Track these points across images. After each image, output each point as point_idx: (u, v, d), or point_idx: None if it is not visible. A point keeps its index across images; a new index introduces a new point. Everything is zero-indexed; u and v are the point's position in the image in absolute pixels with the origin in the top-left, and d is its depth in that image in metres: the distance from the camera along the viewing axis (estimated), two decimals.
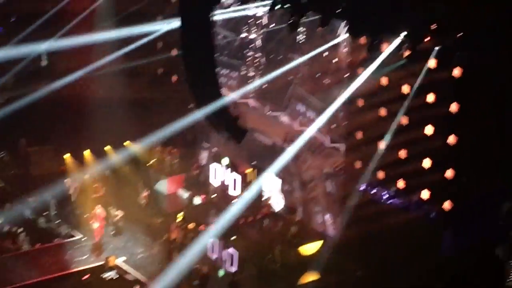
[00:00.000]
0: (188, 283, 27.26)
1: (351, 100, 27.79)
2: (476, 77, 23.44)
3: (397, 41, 22.82)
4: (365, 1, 21.56)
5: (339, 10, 22.44)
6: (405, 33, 22.12)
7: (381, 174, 27.21)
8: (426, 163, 25.51)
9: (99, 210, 29.85)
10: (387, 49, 23.99)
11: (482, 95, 23.21)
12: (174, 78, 33.00)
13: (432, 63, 24.21)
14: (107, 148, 33.58)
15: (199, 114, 27.57)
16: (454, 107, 24.28)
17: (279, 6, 23.67)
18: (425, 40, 22.30)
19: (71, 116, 33.25)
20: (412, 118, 25.72)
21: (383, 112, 26.71)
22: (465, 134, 24.24)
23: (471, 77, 23.61)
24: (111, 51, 32.65)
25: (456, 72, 23.87)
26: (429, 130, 25.14)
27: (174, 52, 31.93)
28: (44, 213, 31.54)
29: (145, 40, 31.13)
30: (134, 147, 33.45)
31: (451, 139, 24.49)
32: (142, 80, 34.08)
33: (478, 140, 23.70)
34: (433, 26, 21.78)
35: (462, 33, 22.32)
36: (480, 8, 21.30)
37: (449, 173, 24.80)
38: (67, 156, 33.33)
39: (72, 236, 30.41)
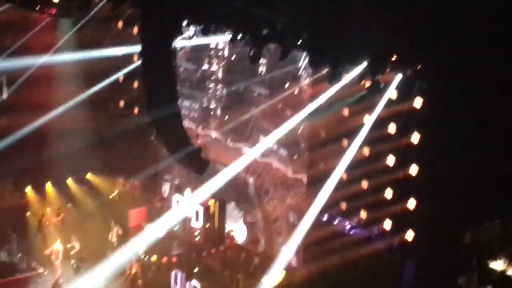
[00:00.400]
0: None
1: (313, 132, 27.91)
2: (437, 108, 23.59)
3: (358, 72, 23.00)
4: (325, 32, 21.66)
5: (299, 42, 22.57)
6: (365, 64, 22.29)
7: (343, 205, 27.26)
8: (388, 193, 25.59)
9: (57, 246, 29.48)
10: (348, 80, 24.09)
11: (442, 125, 23.36)
12: (136, 110, 32.87)
13: (392, 94, 24.32)
14: (69, 181, 33.39)
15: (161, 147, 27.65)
16: (415, 138, 24.40)
17: (240, 37, 23.76)
18: (386, 71, 22.49)
19: (32, 149, 32.96)
20: (374, 149, 25.82)
21: (345, 143, 26.79)
22: (426, 164, 24.36)
23: (431, 107, 23.74)
24: (73, 83, 32.73)
25: (417, 102, 24.00)
26: (390, 160, 25.24)
27: (136, 84, 31.85)
28: (6, 247, 31.30)
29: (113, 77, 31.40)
30: (96, 180, 33.31)
31: (412, 170, 24.60)
32: (104, 112, 33.89)
33: (439, 170, 23.84)
34: (394, 58, 21.97)
35: (421, 65, 22.50)
36: (440, 40, 21.50)
37: (411, 204, 24.90)
38: (28, 190, 33.15)
39: (35, 270, 30.18)
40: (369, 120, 25.52)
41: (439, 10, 21.27)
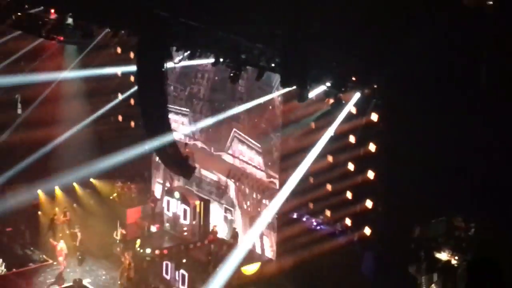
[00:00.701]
0: None
1: (284, 142, 27.95)
2: (390, 121, 23.68)
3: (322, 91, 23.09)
4: (295, 57, 21.70)
5: (272, 65, 22.64)
6: (329, 84, 22.36)
7: (311, 205, 27.34)
8: (349, 195, 25.69)
9: (61, 245, 29.50)
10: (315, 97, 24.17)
11: (395, 137, 23.44)
12: (132, 123, 32.82)
13: (352, 109, 24.38)
14: (75, 184, 33.30)
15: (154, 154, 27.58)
16: (371, 147, 24.50)
17: (221, 61, 23.87)
18: (346, 90, 22.58)
19: (43, 158, 32.86)
20: (336, 157, 25.90)
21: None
22: (381, 170, 24.45)
23: (385, 121, 23.84)
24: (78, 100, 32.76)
25: (373, 117, 24.10)
26: (350, 167, 25.35)
27: (132, 101, 31.82)
28: (20, 241, 31.27)
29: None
30: (98, 183, 33.24)
31: (370, 175, 24.69)
32: (104, 125, 33.84)
33: (392, 175, 23.92)
34: (353, 78, 22.10)
35: (376, 85, 22.60)
36: (392, 64, 21.61)
37: (368, 204, 24.99)
38: (39, 192, 33.05)
39: (45, 261, 30.15)
40: (331, 132, 25.60)
41: (390, 39, 21.41)
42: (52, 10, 27.59)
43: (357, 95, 23.56)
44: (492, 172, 21.38)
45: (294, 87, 23.69)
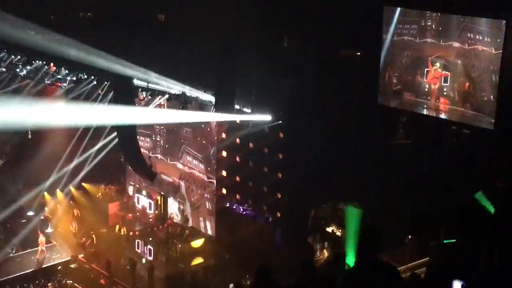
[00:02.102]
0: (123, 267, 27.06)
1: (219, 153, 27.80)
2: (291, 138, 23.77)
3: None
4: (224, 93, 21.66)
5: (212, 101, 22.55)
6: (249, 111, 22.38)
7: (238, 196, 27.20)
8: (265, 189, 25.67)
9: (41, 238, 28.61)
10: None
11: (296, 149, 23.51)
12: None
13: (266, 129, 24.45)
14: (71, 187, 32.63)
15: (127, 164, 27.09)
16: (280, 156, 24.52)
17: (174, 97, 23.66)
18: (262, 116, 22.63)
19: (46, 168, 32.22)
20: (255, 163, 25.89)
21: (238, 159, 26.79)
22: (285, 172, 24.50)
23: (289, 138, 23.92)
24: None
25: (281, 135, 24.16)
26: (265, 169, 25.32)
27: None
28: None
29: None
30: (87, 186, 32.60)
31: (279, 175, 24.72)
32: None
33: (293, 175, 24.00)
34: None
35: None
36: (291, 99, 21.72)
37: (279, 195, 25.00)
38: (46, 194, 32.36)
39: (50, 243, 29.50)
40: (252, 145, 25.60)
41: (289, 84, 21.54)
42: (52, 64, 27.22)
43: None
44: (361, 168, 21.58)
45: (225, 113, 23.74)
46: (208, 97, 24.69)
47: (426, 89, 18.83)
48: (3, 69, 29.33)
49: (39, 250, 28.41)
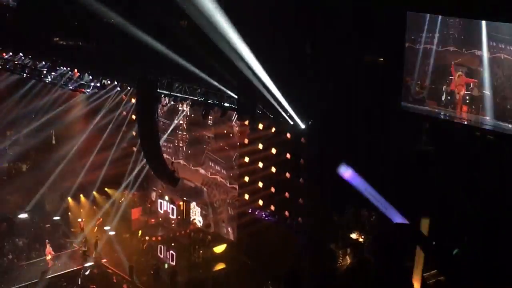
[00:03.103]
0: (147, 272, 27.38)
1: (240, 159, 27.88)
2: (314, 144, 23.71)
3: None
4: (247, 100, 21.73)
5: (232, 106, 22.63)
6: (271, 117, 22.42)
7: (260, 202, 27.21)
8: (286, 195, 25.66)
9: (48, 248, 28.57)
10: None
11: (318, 155, 23.45)
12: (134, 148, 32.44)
13: (288, 135, 24.45)
14: (95, 193, 32.91)
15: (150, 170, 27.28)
16: (302, 161, 24.55)
17: (196, 103, 23.75)
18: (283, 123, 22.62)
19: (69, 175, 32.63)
20: (278, 168, 25.86)
21: (260, 165, 26.83)
22: (308, 178, 24.47)
23: (311, 144, 23.86)
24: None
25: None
26: (287, 175, 25.29)
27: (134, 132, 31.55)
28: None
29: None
30: (110, 191, 32.87)
31: (300, 181, 24.72)
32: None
33: (316, 182, 23.92)
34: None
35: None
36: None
37: (300, 201, 24.96)
38: (69, 198, 32.66)
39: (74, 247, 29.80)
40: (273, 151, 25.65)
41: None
42: (76, 70, 27.48)
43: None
44: (384, 177, 21.43)
45: (247, 121, 23.79)
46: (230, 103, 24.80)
47: (450, 98, 18.74)
48: (27, 75, 29.70)
49: (47, 259, 28.35)
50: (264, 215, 27.12)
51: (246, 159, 27.62)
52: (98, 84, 27.91)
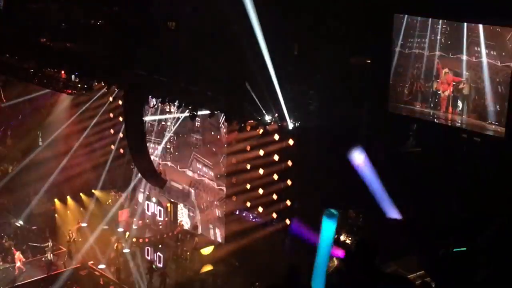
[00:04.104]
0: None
1: (228, 160, 27.87)
2: (301, 145, 23.76)
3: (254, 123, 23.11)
4: (235, 102, 21.74)
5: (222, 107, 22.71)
6: (259, 118, 22.43)
7: (248, 204, 27.20)
8: (274, 197, 25.64)
9: (18, 254, 28.15)
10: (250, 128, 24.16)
11: (306, 156, 23.51)
12: (122, 150, 32.37)
13: (276, 136, 24.46)
14: (81, 194, 32.84)
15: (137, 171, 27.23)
16: (289, 163, 24.53)
17: (183, 105, 23.74)
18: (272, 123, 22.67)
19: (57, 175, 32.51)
20: (265, 170, 25.87)
21: (248, 167, 26.81)
22: (296, 179, 24.49)
23: (299, 145, 23.91)
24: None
25: (290, 142, 24.15)
26: (275, 177, 25.29)
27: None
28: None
29: None
30: (98, 193, 32.78)
31: (288, 182, 24.71)
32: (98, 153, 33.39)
33: (303, 182, 23.96)
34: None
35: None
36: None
37: (288, 203, 24.96)
38: (56, 201, 32.56)
39: (60, 249, 29.63)
40: (262, 152, 25.63)
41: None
42: (62, 72, 27.39)
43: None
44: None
45: (235, 122, 23.82)
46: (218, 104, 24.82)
47: (437, 99, 18.97)
48: (13, 75, 29.60)
49: (16, 266, 27.91)
50: (251, 217, 27.13)
51: (234, 161, 27.62)
52: (85, 86, 27.82)
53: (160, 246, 28.90)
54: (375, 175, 19.65)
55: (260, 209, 26.72)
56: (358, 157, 19.25)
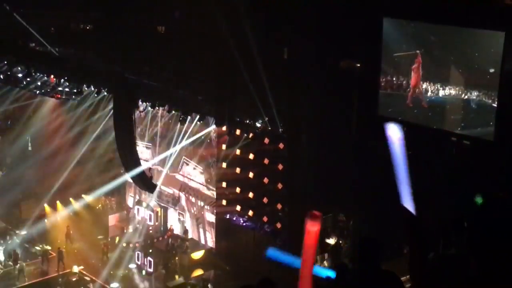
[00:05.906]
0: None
1: (218, 163, 27.90)
2: (291, 149, 23.85)
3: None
4: (225, 106, 21.79)
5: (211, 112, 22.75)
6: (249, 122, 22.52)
7: (238, 208, 27.25)
8: (265, 200, 25.71)
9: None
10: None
11: (297, 160, 23.60)
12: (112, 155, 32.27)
13: (266, 140, 24.51)
14: (71, 199, 32.74)
15: (127, 176, 27.19)
16: (280, 166, 24.59)
17: (174, 109, 23.79)
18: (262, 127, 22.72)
19: (46, 180, 32.41)
20: (256, 173, 25.93)
21: (238, 170, 26.85)
22: (286, 182, 24.56)
23: (289, 149, 24.00)
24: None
25: (281, 145, 24.22)
26: (265, 180, 25.36)
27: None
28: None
29: None
30: (88, 198, 32.69)
31: (279, 186, 24.78)
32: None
33: (293, 186, 24.05)
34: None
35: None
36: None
37: (278, 206, 25.03)
38: (46, 206, 32.46)
39: (50, 254, 29.49)
40: (252, 156, 25.69)
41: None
42: (52, 76, 27.38)
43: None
44: (363, 182, 21.64)
45: (225, 126, 23.89)
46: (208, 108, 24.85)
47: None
48: (2, 80, 29.50)
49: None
50: (242, 221, 27.17)
51: (224, 165, 27.65)
52: (75, 90, 27.81)
53: (150, 250, 28.87)
54: (405, 156, 19.80)
55: (251, 213, 26.79)
56: (394, 132, 19.43)
